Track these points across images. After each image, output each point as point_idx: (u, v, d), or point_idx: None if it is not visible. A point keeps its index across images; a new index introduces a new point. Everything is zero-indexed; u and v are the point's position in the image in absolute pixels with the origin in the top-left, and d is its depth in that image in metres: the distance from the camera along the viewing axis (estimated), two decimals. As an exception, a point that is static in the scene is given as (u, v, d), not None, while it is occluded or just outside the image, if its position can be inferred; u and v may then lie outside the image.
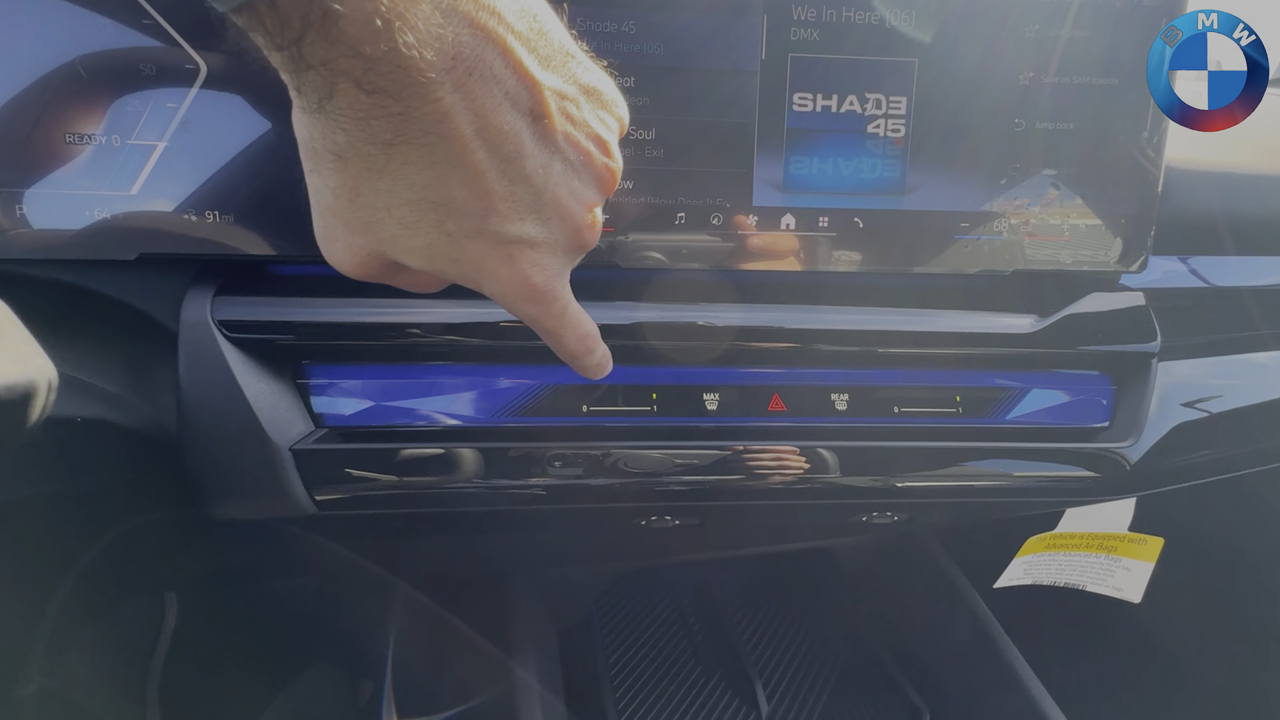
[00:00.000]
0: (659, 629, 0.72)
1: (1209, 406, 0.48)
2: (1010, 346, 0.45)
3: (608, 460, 0.42)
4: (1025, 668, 0.58)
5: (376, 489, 0.40)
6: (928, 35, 0.41)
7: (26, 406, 0.24)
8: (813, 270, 0.43)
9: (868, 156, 0.43)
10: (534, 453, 0.41)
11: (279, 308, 0.39)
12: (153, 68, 0.36)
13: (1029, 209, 0.44)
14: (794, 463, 0.43)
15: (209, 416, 0.37)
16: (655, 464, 0.43)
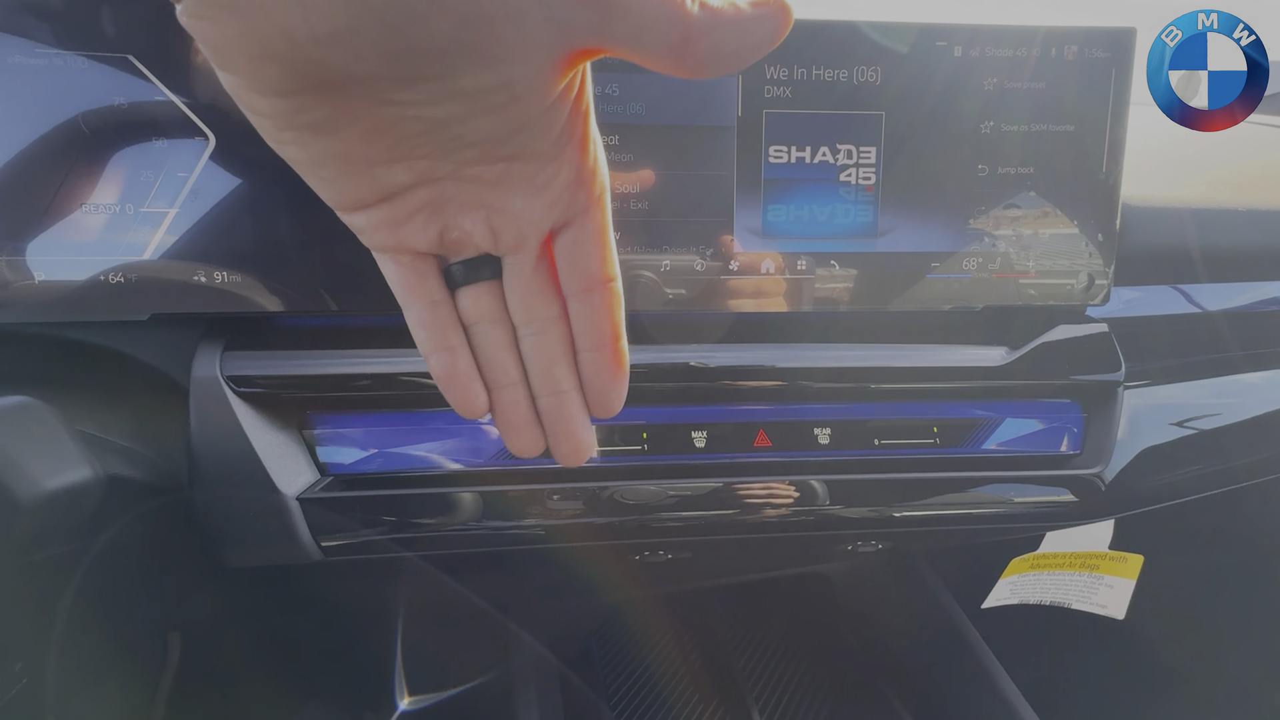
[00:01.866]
0: (657, 658, 0.73)
1: (1177, 430, 0.50)
2: (983, 379, 0.47)
3: (601, 499, 0.43)
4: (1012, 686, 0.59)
5: (379, 534, 0.41)
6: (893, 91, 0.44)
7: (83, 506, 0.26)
8: (793, 311, 0.45)
9: (841, 203, 0.45)
10: (529, 494, 0.43)
11: (284, 361, 0.41)
12: (165, 140, 0.38)
13: (995, 248, 0.47)
14: (780, 496, 0.45)
15: (219, 469, 0.38)
16: (647, 501, 0.44)
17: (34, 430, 0.27)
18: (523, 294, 0.26)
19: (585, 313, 0.26)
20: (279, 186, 0.40)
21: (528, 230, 0.25)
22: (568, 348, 0.27)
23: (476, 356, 0.27)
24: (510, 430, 0.28)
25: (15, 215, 0.38)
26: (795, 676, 0.71)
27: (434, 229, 0.25)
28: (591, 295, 0.26)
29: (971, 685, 0.61)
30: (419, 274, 0.26)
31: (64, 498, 0.26)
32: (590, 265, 0.26)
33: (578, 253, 0.26)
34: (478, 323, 0.27)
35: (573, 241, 0.26)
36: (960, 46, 0.44)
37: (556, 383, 0.27)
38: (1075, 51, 0.45)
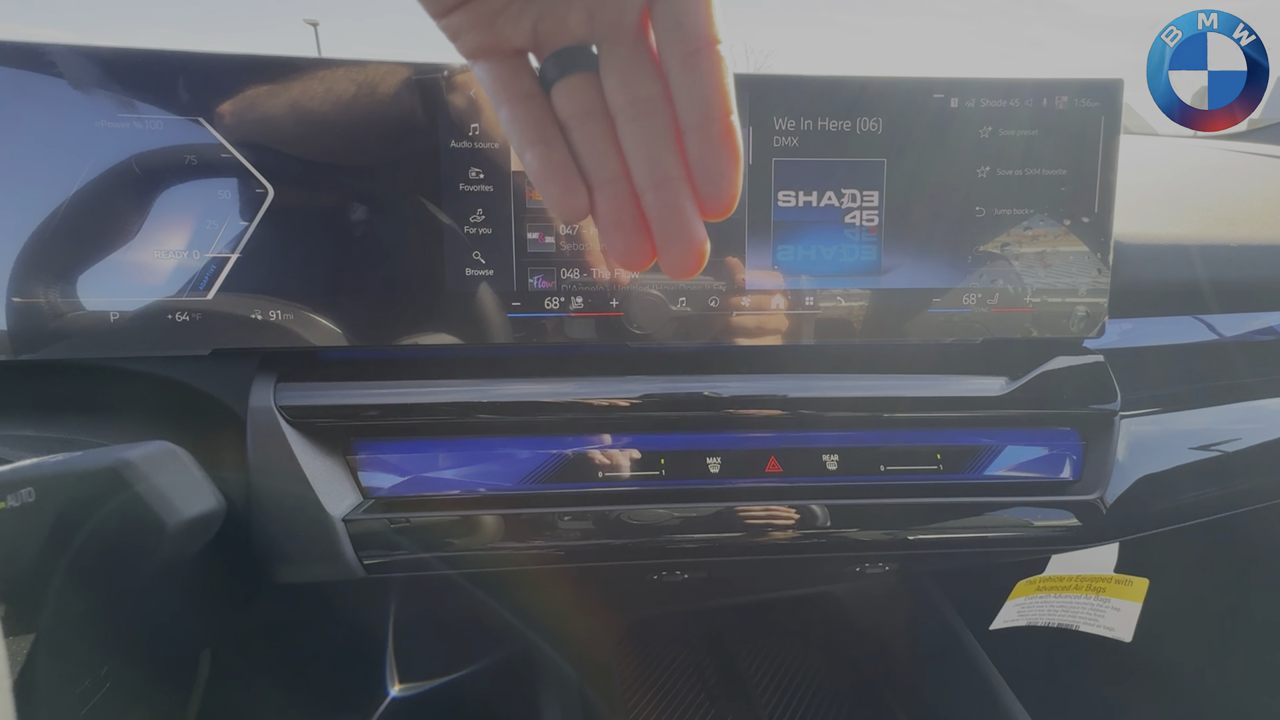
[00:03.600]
0: (674, 674, 0.74)
1: (1174, 457, 0.52)
2: (984, 408, 0.50)
3: (621, 521, 0.46)
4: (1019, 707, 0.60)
5: (415, 552, 0.44)
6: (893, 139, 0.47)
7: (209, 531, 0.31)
8: (802, 344, 0.48)
9: (846, 243, 0.48)
10: (554, 516, 0.46)
11: (334, 392, 0.45)
12: (229, 193, 0.43)
13: (993, 284, 0.49)
14: (790, 519, 0.48)
15: (273, 493, 0.42)
16: (664, 523, 0.47)
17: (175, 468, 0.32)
18: (622, 74, 0.24)
19: (690, 82, 0.23)
20: (329, 233, 0.44)
21: (625, 3, 0.23)
22: (673, 132, 0.24)
23: (576, 154, 0.25)
24: (615, 231, 0.25)
25: (95, 259, 0.42)
26: (808, 694, 0.73)
27: (528, 19, 0.24)
28: (698, 59, 0.23)
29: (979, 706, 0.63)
30: (513, 70, 0.25)
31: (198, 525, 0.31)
32: (694, 24, 0.23)
33: (679, 12, 0.23)
34: (574, 116, 0.25)
35: (672, 2, 0.23)
36: (957, 98, 0.47)
37: (663, 170, 0.24)
38: (1066, 101, 0.48)
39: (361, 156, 0.43)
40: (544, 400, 0.47)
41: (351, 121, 0.43)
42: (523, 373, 0.47)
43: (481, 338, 0.46)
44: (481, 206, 0.45)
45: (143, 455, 0.31)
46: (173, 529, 0.31)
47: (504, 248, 0.45)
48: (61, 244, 0.41)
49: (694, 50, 0.23)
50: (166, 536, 0.31)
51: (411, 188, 0.44)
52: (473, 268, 0.45)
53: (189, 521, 0.32)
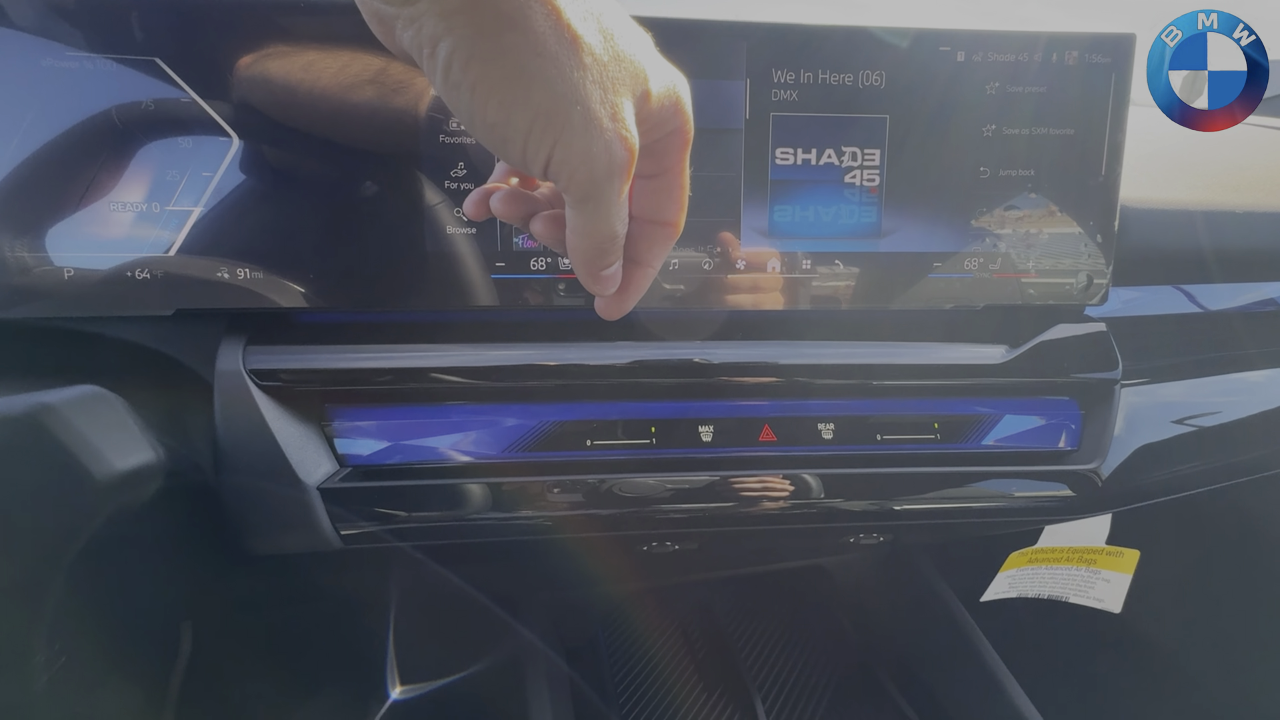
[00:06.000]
0: (663, 647, 0.74)
1: (1172, 428, 0.51)
2: (983, 376, 0.49)
3: (610, 490, 0.45)
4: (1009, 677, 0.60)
5: (395, 523, 0.43)
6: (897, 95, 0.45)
7: (146, 488, 0.28)
8: (798, 309, 0.47)
9: (845, 204, 0.46)
10: (541, 485, 0.44)
11: (306, 355, 0.42)
12: (190, 140, 0.40)
13: (996, 249, 0.48)
14: (784, 489, 0.46)
15: (244, 460, 0.40)
16: (654, 493, 0.46)
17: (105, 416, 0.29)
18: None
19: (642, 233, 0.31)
20: (300, 186, 0.41)
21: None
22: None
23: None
24: None
25: (44, 212, 0.39)
26: (797, 667, 0.72)
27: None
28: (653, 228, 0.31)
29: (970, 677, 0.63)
30: None
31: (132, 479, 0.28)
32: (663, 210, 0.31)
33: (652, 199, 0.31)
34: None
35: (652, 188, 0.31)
36: (963, 51, 0.45)
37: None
38: (1076, 57, 0.46)
39: (334, 105, 0.40)
40: (530, 365, 0.45)
41: (323, 67, 0.40)
42: (508, 337, 0.45)
43: (464, 300, 0.44)
44: (463, 159, 0.42)
45: (65, 400, 0.28)
46: (102, 482, 0.28)
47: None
48: (3, 197, 0.38)
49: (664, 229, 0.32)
50: (95, 490, 0.28)
51: (388, 138, 0.41)
52: (454, 225, 0.43)
53: (121, 475, 0.28)
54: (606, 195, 0.27)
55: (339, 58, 0.40)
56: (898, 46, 0.44)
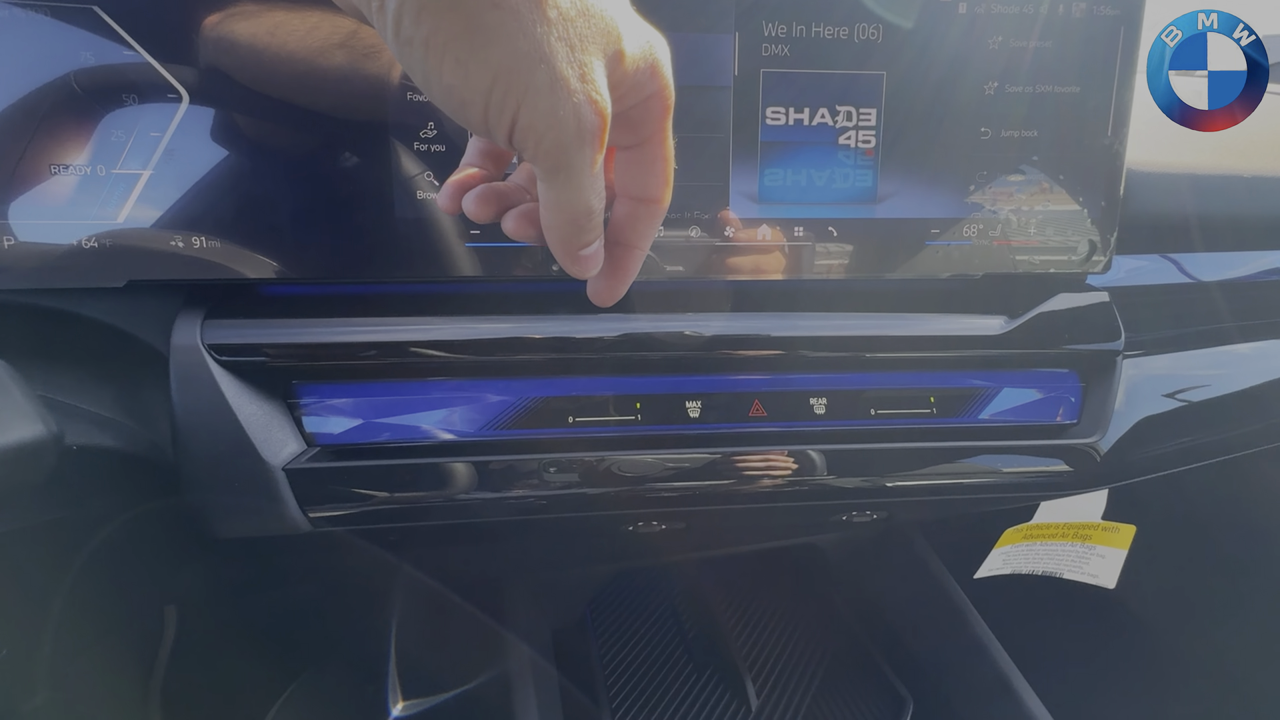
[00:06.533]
0: (652, 628, 0.73)
1: (1174, 400, 0.50)
2: (982, 348, 0.47)
3: (593, 469, 0.43)
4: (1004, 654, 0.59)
5: (368, 505, 0.41)
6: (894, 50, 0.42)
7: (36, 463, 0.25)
8: (789, 279, 0.44)
9: (840, 167, 0.44)
10: (521, 464, 0.42)
11: (268, 330, 0.40)
12: (135, 98, 0.37)
13: (996, 214, 0.46)
14: (775, 466, 0.45)
15: (203, 439, 0.38)
16: (640, 471, 0.44)
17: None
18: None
19: (626, 211, 0.30)
20: (258, 147, 0.38)
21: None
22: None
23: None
24: None
25: (-20, 177, 0.36)
26: (789, 647, 0.72)
27: None
28: (637, 205, 0.30)
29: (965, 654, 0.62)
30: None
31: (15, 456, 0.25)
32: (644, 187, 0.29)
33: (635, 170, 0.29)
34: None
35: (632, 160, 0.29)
36: (965, 2, 0.42)
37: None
38: (1084, 9, 0.43)
39: (294, 58, 0.37)
40: (509, 339, 0.43)
41: (290, 29, 0.37)
42: (485, 309, 0.43)
43: (438, 270, 0.41)
44: (433, 119, 0.39)
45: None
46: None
47: (460, 167, 0.40)
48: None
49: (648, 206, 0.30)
50: None
51: (358, 103, 0.38)
52: (425, 190, 0.40)
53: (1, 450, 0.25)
54: (578, 164, 0.25)
55: (307, 19, 0.37)
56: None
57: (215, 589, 0.68)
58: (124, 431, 0.40)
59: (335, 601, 0.75)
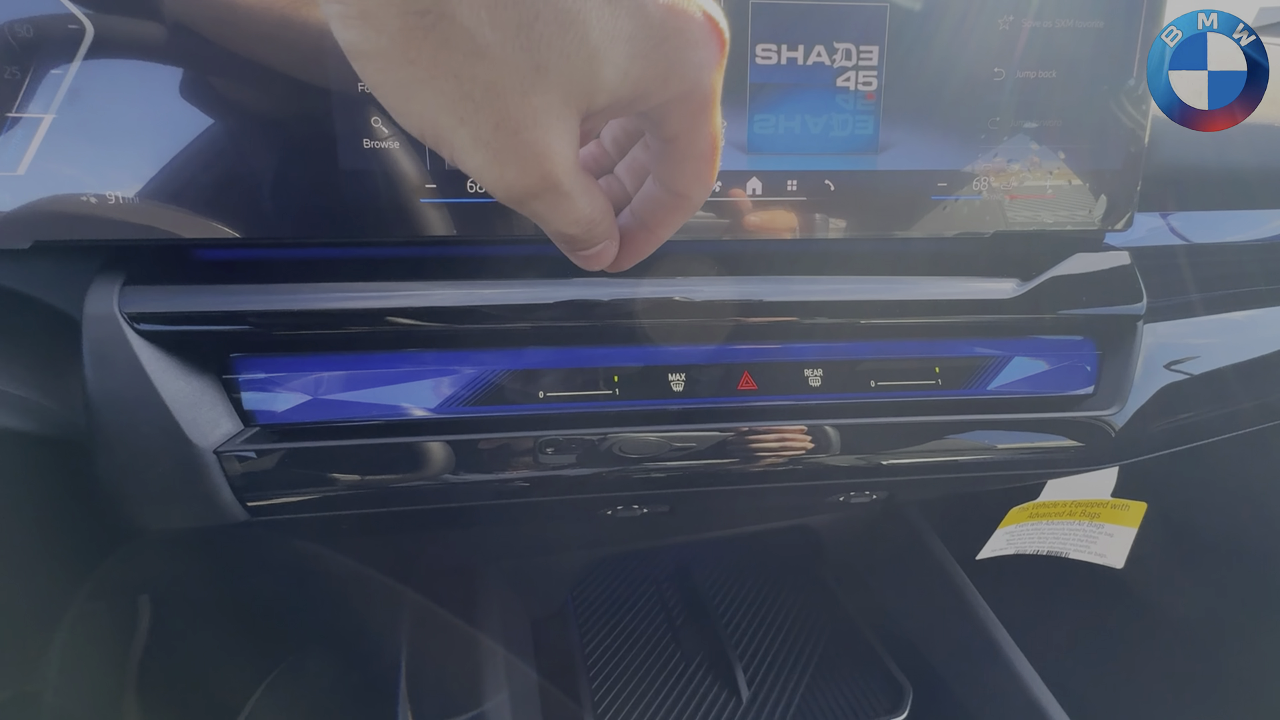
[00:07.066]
0: (637, 615, 0.70)
1: (1196, 367, 0.46)
2: (991, 313, 0.43)
3: (567, 449, 0.39)
4: (1007, 638, 0.57)
5: (315, 491, 0.37)
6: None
7: None
8: (781, 238, 0.40)
9: (838, 113, 0.40)
10: (486, 445, 0.38)
11: (197, 296, 0.36)
12: (30, 29, 0.32)
13: (1010, 166, 0.41)
14: (767, 444, 0.41)
15: (121, 419, 0.33)
16: (619, 451, 0.40)
17: None
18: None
19: (654, 224, 0.27)
20: (177, 88, 0.34)
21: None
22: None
23: None
24: None
25: None
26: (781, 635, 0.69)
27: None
28: (674, 209, 0.26)
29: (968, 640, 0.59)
30: None
31: None
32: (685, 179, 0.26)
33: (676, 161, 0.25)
34: None
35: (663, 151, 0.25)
36: (978, -75, 0.38)
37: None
38: (1109, -70, 0.39)
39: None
40: (472, 306, 0.38)
41: None
42: (445, 273, 0.39)
43: (389, 229, 0.37)
44: (377, 55, 0.35)
45: None
46: None
47: (411, 112, 0.36)
48: None
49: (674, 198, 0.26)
50: None
51: (286, 27, 0.34)
52: (373, 138, 0.36)
53: None
54: (545, 205, 0.23)
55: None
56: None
57: (188, 576, 0.65)
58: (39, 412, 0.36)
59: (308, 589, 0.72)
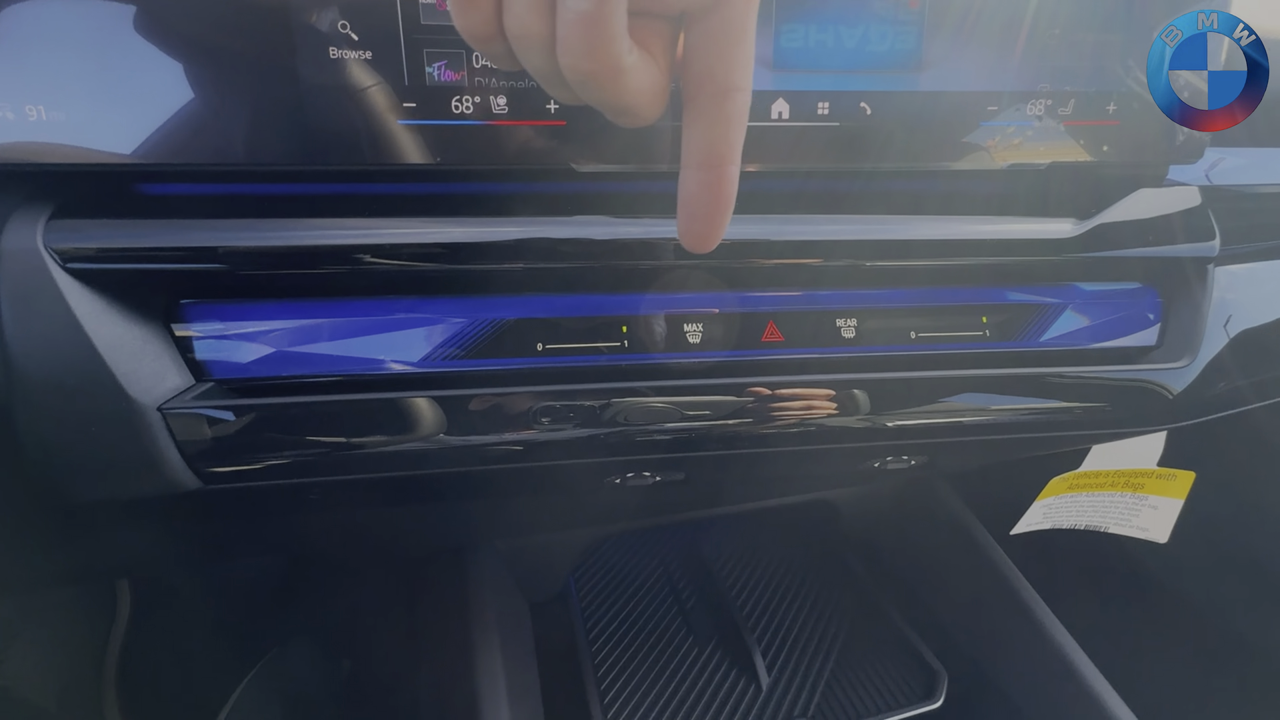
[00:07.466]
0: (645, 598, 0.66)
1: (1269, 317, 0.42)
2: (1044, 254, 0.38)
3: (569, 409, 0.35)
4: (1050, 616, 0.52)
5: (281, 455, 0.32)
6: None
7: None
8: (811, 170, 0.36)
9: (876, 23, 0.35)
10: (478, 404, 0.34)
11: (140, 231, 0.31)
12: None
13: (1069, 87, 0.37)
14: (794, 402, 0.37)
15: (45, 371, 0.29)
16: (628, 411, 0.36)
17: None
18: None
19: (702, 124, 0.24)
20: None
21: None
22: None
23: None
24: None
25: None
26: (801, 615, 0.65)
27: None
28: (714, 103, 0.23)
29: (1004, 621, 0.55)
30: None
31: None
32: (719, 67, 0.23)
33: (706, 50, 0.23)
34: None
35: (703, 34, 0.23)
36: None
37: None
38: None
39: None
40: (461, 243, 0.33)
41: None
42: (427, 209, 0.34)
43: (361, 155, 0.32)
44: (343, -55, 0.30)
45: None
46: None
47: (387, 15, 0.31)
48: None
49: (720, 93, 0.23)
50: None
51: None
52: (340, 46, 0.31)
53: None
54: None
55: None
56: None
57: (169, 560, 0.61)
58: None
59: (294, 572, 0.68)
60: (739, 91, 0.23)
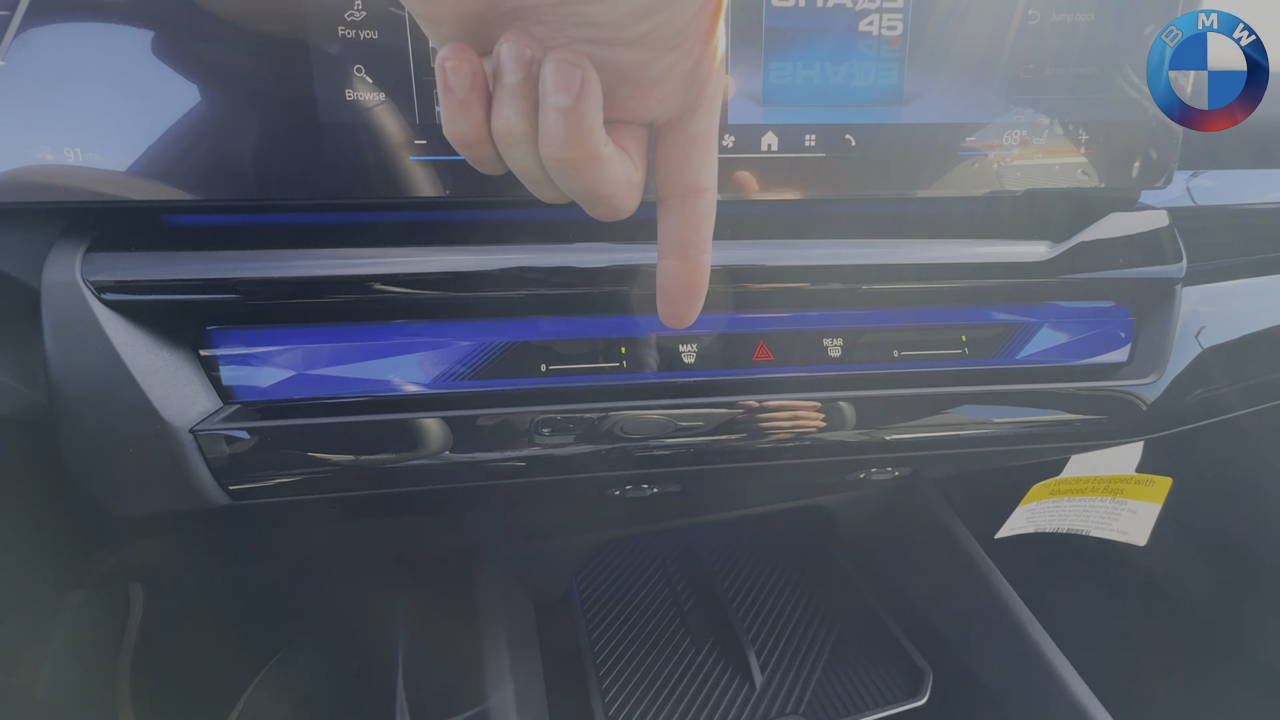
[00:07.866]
0: (644, 600, 0.68)
1: (1234, 333, 0.44)
2: (1021, 277, 0.40)
3: (571, 426, 0.37)
4: (1030, 616, 0.55)
5: (302, 472, 0.34)
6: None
7: None
8: (798, 197, 0.38)
9: (860, 60, 0.37)
10: (486, 421, 0.36)
11: (170, 264, 0.33)
12: (-29, -35, 0.29)
13: (1043, 119, 0.39)
14: (784, 418, 0.39)
15: (86, 396, 0.31)
16: (627, 427, 0.37)
17: None
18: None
19: (674, 219, 0.26)
20: (137, 31, 0.30)
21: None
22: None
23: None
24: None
25: None
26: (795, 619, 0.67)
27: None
28: (684, 202, 0.25)
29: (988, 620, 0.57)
30: None
31: None
32: (687, 171, 0.25)
33: (674, 155, 0.25)
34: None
35: (671, 142, 0.25)
36: None
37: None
38: None
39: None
40: (467, 272, 0.36)
41: None
42: (438, 238, 0.36)
43: (375, 189, 0.34)
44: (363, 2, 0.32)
45: None
46: None
47: (399, 58, 0.33)
48: None
49: (683, 194, 0.25)
50: None
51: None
52: (355, 89, 0.33)
53: None
54: None
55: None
56: None
57: (182, 564, 0.63)
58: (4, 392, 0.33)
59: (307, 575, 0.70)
60: (706, 191, 0.25)
